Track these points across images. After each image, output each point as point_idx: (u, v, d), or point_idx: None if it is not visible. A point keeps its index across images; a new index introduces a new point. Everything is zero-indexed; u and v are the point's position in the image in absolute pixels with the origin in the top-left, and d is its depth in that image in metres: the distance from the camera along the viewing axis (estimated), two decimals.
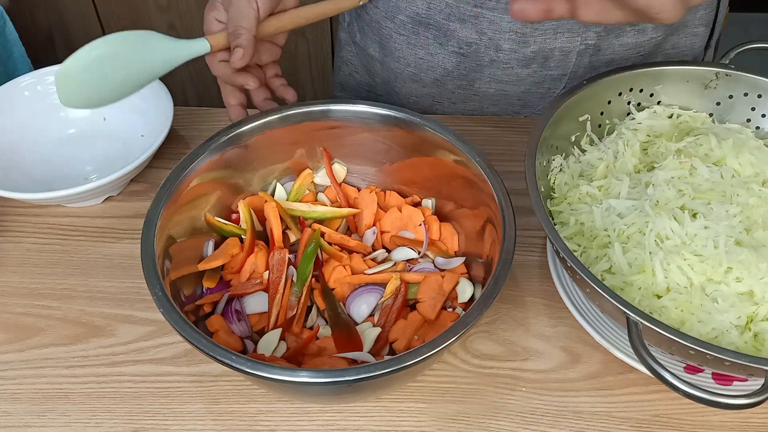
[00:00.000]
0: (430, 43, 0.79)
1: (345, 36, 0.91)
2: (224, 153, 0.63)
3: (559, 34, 0.75)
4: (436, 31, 0.78)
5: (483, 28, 0.75)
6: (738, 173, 0.62)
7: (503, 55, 0.78)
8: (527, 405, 0.59)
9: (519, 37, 0.75)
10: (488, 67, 0.79)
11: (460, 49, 0.78)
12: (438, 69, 0.81)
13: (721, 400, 0.46)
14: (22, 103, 0.78)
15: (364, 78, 0.92)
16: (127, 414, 0.58)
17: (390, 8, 0.79)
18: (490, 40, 0.76)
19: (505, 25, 0.75)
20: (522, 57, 0.78)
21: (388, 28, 0.81)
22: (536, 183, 0.57)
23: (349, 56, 0.92)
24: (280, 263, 0.61)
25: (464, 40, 0.77)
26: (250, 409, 0.58)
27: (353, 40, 0.89)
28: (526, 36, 0.75)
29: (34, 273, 0.68)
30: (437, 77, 0.82)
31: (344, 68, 0.94)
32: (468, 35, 0.77)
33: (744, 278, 0.54)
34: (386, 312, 0.59)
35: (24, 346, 0.62)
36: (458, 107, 0.85)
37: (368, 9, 0.82)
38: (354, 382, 0.47)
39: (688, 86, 0.69)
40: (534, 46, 0.76)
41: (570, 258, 0.52)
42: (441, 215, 0.66)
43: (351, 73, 0.93)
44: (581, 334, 0.63)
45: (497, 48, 0.77)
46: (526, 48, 0.77)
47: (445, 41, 0.78)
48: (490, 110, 0.85)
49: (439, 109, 0.86)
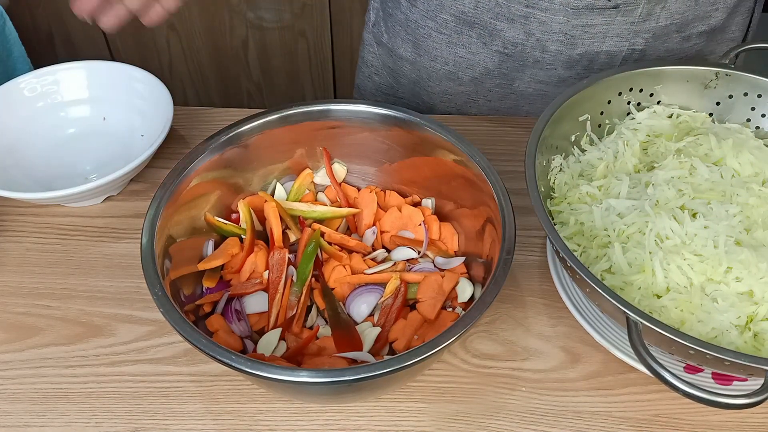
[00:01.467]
0: (473, 42, 0.79)
1: (369, 37, 0.91)
2: (224, 153, 0.63)
3: (608, 38, 0.75)
4: (480, 30, 0.78)
5: (532, 29, 0.75)
6: (738, 173, 0.62)
7: (548, 57, 0.77)
8: (527, 405, 0.59)
9: (567, 39, 0.75)
10: (531, 67, 0.79)
11: (504, 48, 0.78)
12: (478, 68, 0.81)
13: (721, 399, 0.46)
14: (22, 102, 0.78)
15: (384, 80, 0.91)
16: (126, 414, 0.58)
17: (432, 7, 0.79)
18: (538, 41, 0.76)
19: (555, 26, 0.74)
20: (567, 59, 0.77)
21: (427, 27, 0.80)
22: (536, 183, 0.57)
23: (370, 57, 0.91)
24: (279, 263, 0.61)
25: (510, 40, 0.77)
26: (249, 408, 0.58)
27: (378, 40, 0.89)
28: (574, 38, 0.75)
29: (33, 273, 0.68)
30: (476, 76, 0.82)
31: (364, 70, 0.94)
32: (515, 35, 0.76)
33: (744, 278, 0.54)
34: (386, 312, 0.60)
35: (24, 345, 0.62)
36: (493, 105, 0.85)
37: (402, 8, 0.82)
38: (354, 381, 0.47)
39: (688, 86, 0.69)
40: (581, 48, 0.76)
41: (570, 258, 0.52)
42: (441, 215, 0.66)
43: (371, 75, 0.93)
44: (581, 334, 0.63)
45: (543, 49, 0.77)
46: (573, 50, 0.76)
47: (489, 41, 0.78)
48: (525, 109, 0.85)
49: (474, 107, 0.86)
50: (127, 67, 0.80)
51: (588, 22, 0.73)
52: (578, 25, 0.73)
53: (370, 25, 0.90)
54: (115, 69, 0.80)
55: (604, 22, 0.73)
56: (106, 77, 0.80)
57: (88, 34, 1.64)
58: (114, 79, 0.80)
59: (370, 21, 0.90)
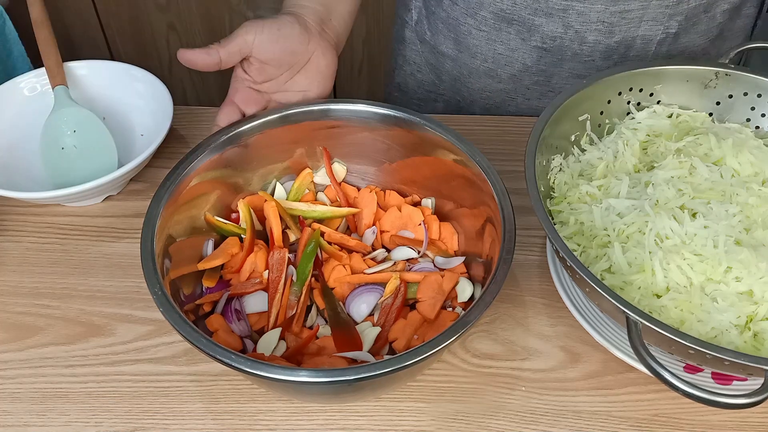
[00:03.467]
0: (512, 39, 0.80)
1: (411, 35, 0.92)
2: (224, 152, 0.63)
3: (644, 22, 0.76)
4: (519, 27, 0.79)
5: (570, 21, 0.76)
6: (737, 173, 0.62)
7: (587, 48, 0.79)
8: (527, 404, 0.59)
9: (606, 27, 0.76)
10: (569, 61, 0.80)
11: (543, 43, 0.79)
12: (516, 64, 0.82)
13: (721, 399, 0.46)
14: (21, 102, 0.78)
15: (427, 77, 0.93)
16: (126, 413, 0.58)
17: (472, 5, 0.80)
18: (576, 33, 0.77)
19: (593, 15, 0.75)
20: (605, 48, 0.78)
21: (468, 24, 0.82)
22: (536, 182, 0.57)
23: (413, 55, 0.93)
24: (279, 262, 0.61)
25: (549, 34, 0.78)
26: (249, 408, 0.58)
27: (421, 38, 0.90)
28: (612, 26, 0.76)
29: (33, 272, 0.68)
30: (514, 72, 0.83)
31: (406, 67, 0.95)
32: (553, 29, 0.77)
33: (743, 278, 0.54)
34: (386, 311, 0.59)
35: (23, 345, 0.62)
36: (532, 104, 0.86)
37: (444, 6, 0.84)
38: (353, 381, 0.47)
39: (688, 86, 0.69)
40: (618, 36, 0.77)
41: (569, 257, 0.52)
42: (441, 215, 0.66)
43: (413, 73, 0.94)
44: (581, 334, 0.63)
45: (582, 41, 0.78)
46: (611, 39, 0.77)
47: (528, 36, 0.79)
48: None
49: (512, 105, 0.87)
50: (127, 67, 0.80)
51: (625, 7, 0.75)
52: (616, 11, 0.75)
53: (412, 24, 0.92)
54: (115, 69, 0.80)
55: (640, 6, 0.75)
56: (106, 77, 0.80)
57: (87, 34, 1.64)
58: (114, 79, 0.80)
59: (412, 20, 0.92)
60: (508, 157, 0.75)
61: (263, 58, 0.65)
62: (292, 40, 0.65)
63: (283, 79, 0.67)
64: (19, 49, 1.25)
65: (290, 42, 0.65)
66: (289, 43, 0.65)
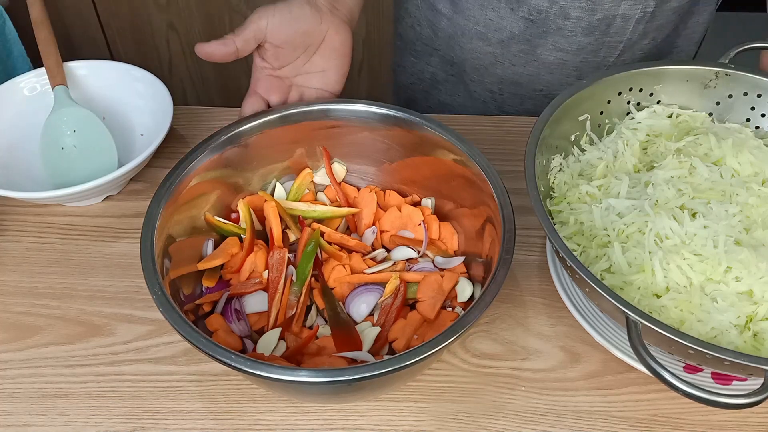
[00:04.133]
0: (502, 7, 0.81)
1: None
2: (224, 152, 0.63)
3: (624, 1, 0.77)
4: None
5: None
6: (737, 173, 0.62)
7: (570, 24, 0.80)
8: (527, 404, 0.59)
9: (588, 5, 0.78)
10: (553, 34, 0.82)
11: (530, 15, 0.80)
12: (505, 31, 0.84)
13: (721, 399, 0.46)
14: (21, 102, 0.78)
15: (425, 31, 0.94)
16: (126, 413, 0.58)
17: None
18: (561, 9, 0.79)
19: None
20: (587, 25, 0.80)
21: None
22: (536, 182, 0.57)
23: (414, 9, 0.94)
24: (279, 262, 0.61)
25: (535, 7, 0.79)
26: (249, 408, 0.58)
27: None
28: (595, 4, 0.77)
29: (33, 272, 0.68)
30: (503, 39, 0.85)
31: (407, 19, 0.97)
32: (539, 3, 0.79)
33: (743, 278, 0.54)
34: (386, 311, 0.59)
35: (23, 345, 0.62)
36: (517, 69, 0.88)
37: None
38: (353, 381, 0.47)
39: (688, 86, 0.69)
40: (600, 13, 0.79)
41: (569, 257, 0.52)
42: (440, 215, 0.66)
43: (413, 25, 0.96)
44: (581, 334, 0.63)
45: (565, 16, 0.79)
46: (593, 16, 0.79)
47: (516, 7, 0.80)
48: (546, 78, 0.88)
49: (499, 68, 0.89)
50: (127, 67, 0.80)
51: None
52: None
53: None
54: (115, 68, 0.80)
55: None
56: (106, 77, 0.80)
57: (87, 34, 1.64)
58: (114, 79, 0.80)
59: None
60: (508, 157, 0.75)
61: (277, 42, 0.66)
62: (303, 21, 0.66)
63: (300, 61, 0.69)
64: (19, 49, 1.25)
65: (302, 23, 0.66)
66: (301, 23, 0.66)
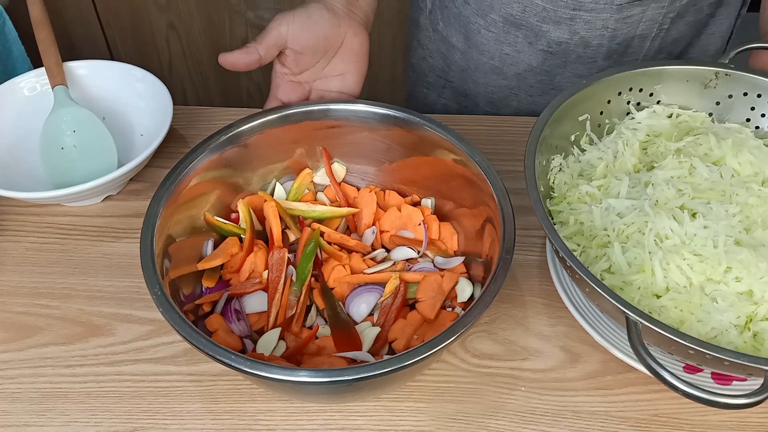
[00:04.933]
0: (519, 42, 0.82)
1: (425, 21, 0.94)
2: (224, 152, 0.63)
3: (642, 23, 0.78)
4: (527, 32, 0.80)
5: (577, 29, 0.78)
6: (737, 173, 0.62)
7: (590, 51, 0.81)
8: (526, 404, 0.59)
9: (609, 33, 0.78)
10: (573, 63, 0.82)
11: (549, 48, 0.81)
12: (522, 65, 0.84)
13: (720, 399, 0.46)
14: (21, 102, 0.78)
15: (438, 63, 0.95)
16: (126, 413, 0.58)
17: (483, 6, 0.82)
18: (581, 39, 0.79)
19: (599, 23, 0.77)
20: (607, 50, 0.81)
21: (477, 24, 0.83)
22: (536, 182, 0.57)
23: (426, 41, 0.95)
24: (279, 262, 0.61)
25: (555, 40, 0.80)
26: (249, 408, 0.58)
27: (434, 27, 0.92)
28: (615, 31, 0.78)
29: (33, 272, 0.68)
30: (519, 72, 0.85)
31: (420, 51, 0.97)
32: (560, 35, 0.79)
33: (743, 278, 0.54)
34: (385, 311, 0.59)
35: (23, 345, 0.62)
36: (534, 100, 0.88)
37: (457, 3, 0.85)
38: (353, 381, 0.47)
39: (688, 86, 0.68)
40: (620, 38, 0.79)
41: (569, 257, 0.52)
42: (440, 215, 0.66)
43: (425, 57, 0.96)
44: (580, 334, 0.63)
45: (586, 45, 0.80)
46: (613, 42, 0.79)
47: (534, 41, 0.81)
48: None
49: (515, 100, 0.89)
50: (127, 67, 0.80)
51: (628, 14, 0.77)
52: (620, 18, 0.77)
53: (426, 12, 0.94)
54: (115, 68, 0.80)
55: (641, 11, 0.77)
56: (106, 77, 0.80)
57: (88, 34, 1.64)
58: (114, 79, 0.80)
59: (426, 8, 0.93)
60: (508, 157, 0.75)
61: (298, 48, 0.66)
62: (323, 26, 0.66)
63: (320, 66, 0.69)
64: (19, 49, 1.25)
65: (321, 27, 0.66)
66: (320, 28, 0.66)
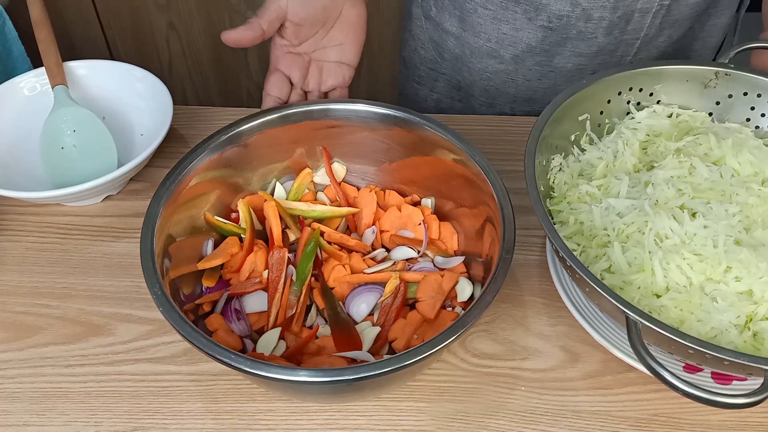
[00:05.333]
0: (518, 18, 0.81)
1: (417, 11, 0.93)
2: (224, 152, 0.63)
3: None
4: (526, 6, 0.79)
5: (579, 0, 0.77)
6: (737, 172, 0.62)
7: (591, 25, 0.79)
8: (526, 404, 0.59)
9: (611, 4, 0.77)
10: (573, 39, 0.81)
11: (549, 23, 0.80)
12: (520, 45, 0.83)
13: (720, 399, 0.46)
14: (21, 102, 0.78)
15: (429, 54, 0.94)
16: (126, 413, 0.58)
17: None
18: (583, 11, 0.78)
19: None
20: (608, 24, 0.79)
21: (474, 2, 0.82)
22: (536, 182, 0.57)
23: (418, 31, 0.94)
24: (279, 262, 0.61)
25: (556, 13, 0.79)
26: (249, 408, 0.58)
27: (427, 14, 0.91)
28: (617, 1, 0.77)
29: (33, 272, 0.68)
30: (517, 53, 0.84)
31: (411, 42, 0.96)
32: (561, 8, 0.78)
33: (743, 277, 0.54)
34: (386, 311, 0.60)
35: (23, 345, 0.62)
36: (532, 84, 0.87)
37: None
38: (353, 381, 0.47)
39: (688, 85, 0.69)
40: (621, 10, 0.78)
41: (569, 257, 0.52)
42: (440, 214, 0.66)
43: (416, 48, 0.96)
44: (580, 334, 0.63)
45: (588, 18, 0.79)
46: (614, 14, 0.78)
47: (534, 15, 0.80)
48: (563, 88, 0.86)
49: (512, 86, 0.88)
50: (127, 67, 0.80)
51: None
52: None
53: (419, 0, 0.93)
54: (115, 68, 0.80)
55: None
56: (106, 77, 0.80)
57: (88, 34, 1.64)
58: (114, 79, 0.80)
59: None
60: (508, 157, 0.75)
61: (297, 20, 0.67)
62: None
63: (318, 36, 0.70)
64: (19, 49, 1.25)
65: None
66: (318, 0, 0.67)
